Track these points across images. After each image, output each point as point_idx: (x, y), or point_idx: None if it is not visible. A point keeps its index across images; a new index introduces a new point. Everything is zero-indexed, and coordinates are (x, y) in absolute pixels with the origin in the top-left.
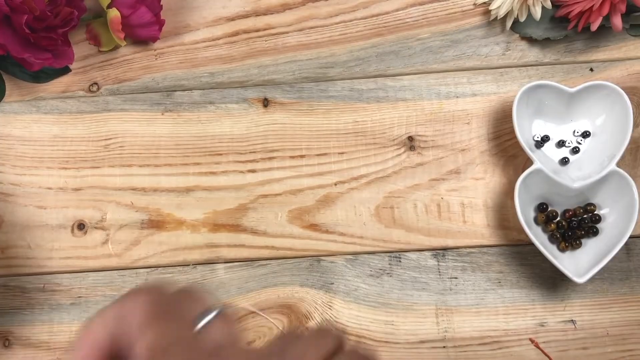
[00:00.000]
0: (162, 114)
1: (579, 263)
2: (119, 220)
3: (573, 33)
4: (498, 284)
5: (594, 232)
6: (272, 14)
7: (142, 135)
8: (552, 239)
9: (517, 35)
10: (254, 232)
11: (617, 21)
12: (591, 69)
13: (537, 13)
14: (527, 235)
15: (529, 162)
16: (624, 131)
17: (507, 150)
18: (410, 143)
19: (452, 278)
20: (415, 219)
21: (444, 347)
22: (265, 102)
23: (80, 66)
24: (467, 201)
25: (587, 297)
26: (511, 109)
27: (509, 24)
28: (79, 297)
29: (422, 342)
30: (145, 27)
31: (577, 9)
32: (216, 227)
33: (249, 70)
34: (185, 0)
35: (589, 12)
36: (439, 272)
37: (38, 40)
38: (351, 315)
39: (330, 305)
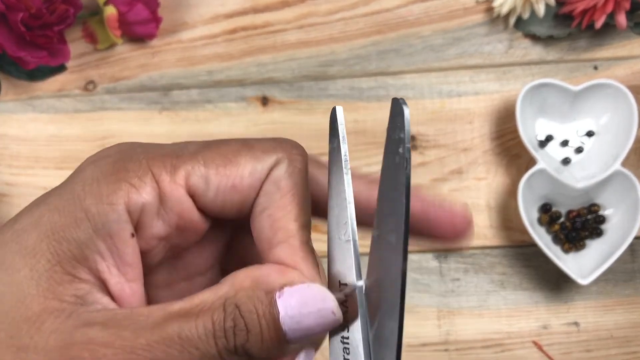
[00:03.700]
0: (160, 113)
1: (582, 264)
2: None
3: (577, 31)
4: (501, 285)
5: (598, 233)
6: (270, 11)
7: (139, 134)
8: (556, 239)
9: (520, 33)
10: None
11: (622, 19)
12: (595, 68)
13: (541, 10)
14: (530, 236)
15: (532, 161)
16: (629, 130)
17: (510, 150)
18: (412, 142)
19: (454, 280)
20: None
21: (446, 350)
22: (264, 101)
23: (77, 64)
24: (470, 202)
25: (591, 299)
26: (514, 107)
27: (512, 21)
28: None
29: (424, 345)
30: (142, 24)
31: (580, 6)
32: None
33: (247, 68)
34: None
35: (593, 10)
36: (441, 273)
37: (34, 38)
38: None
39: None
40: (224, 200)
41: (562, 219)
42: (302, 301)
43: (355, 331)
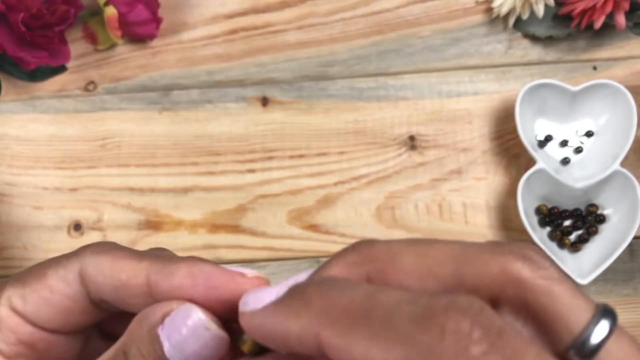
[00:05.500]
0: (160, 113)
1: (581, 264)
2: (116, 221)
3: (576, 31)
4: None
5: (597, 233)
6: (271, 11)
7: (139, 134)
8: (555, 239)
9: (520, 33)
10: (253, 233)
11: (621, 19)
12: (594, 68)
13: (540, 11)
14: (529, 236)
15: (531, 161)
16: (628, 130)
17: (510, 150)
18: (411, 142)
19: None
20: (417, 219)
21: None
22: (264, 101)
23: (77, 65)
24: (469, 201)
25: None
26: (513, 108)
27: (511, 21)
28: None
29: None
30: (143, 24)
31: (580, 6)
32: (215, 228)
33: (247, 68)
34: None
35: (592, 10)
36: None
37: (34, 39)
38: None
39: None
40: None
41: (561, 219)
42: (176, 325)
43: None
